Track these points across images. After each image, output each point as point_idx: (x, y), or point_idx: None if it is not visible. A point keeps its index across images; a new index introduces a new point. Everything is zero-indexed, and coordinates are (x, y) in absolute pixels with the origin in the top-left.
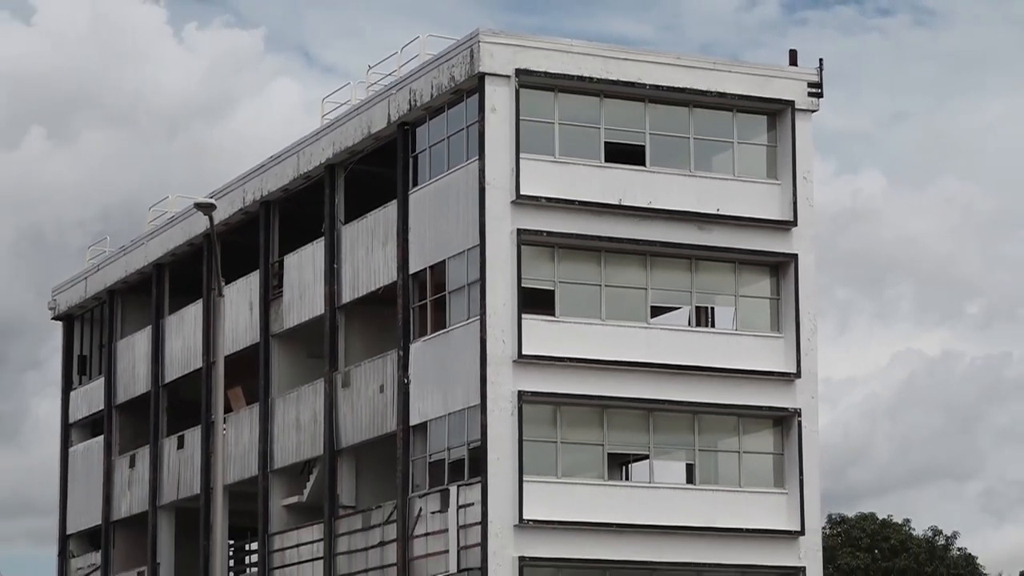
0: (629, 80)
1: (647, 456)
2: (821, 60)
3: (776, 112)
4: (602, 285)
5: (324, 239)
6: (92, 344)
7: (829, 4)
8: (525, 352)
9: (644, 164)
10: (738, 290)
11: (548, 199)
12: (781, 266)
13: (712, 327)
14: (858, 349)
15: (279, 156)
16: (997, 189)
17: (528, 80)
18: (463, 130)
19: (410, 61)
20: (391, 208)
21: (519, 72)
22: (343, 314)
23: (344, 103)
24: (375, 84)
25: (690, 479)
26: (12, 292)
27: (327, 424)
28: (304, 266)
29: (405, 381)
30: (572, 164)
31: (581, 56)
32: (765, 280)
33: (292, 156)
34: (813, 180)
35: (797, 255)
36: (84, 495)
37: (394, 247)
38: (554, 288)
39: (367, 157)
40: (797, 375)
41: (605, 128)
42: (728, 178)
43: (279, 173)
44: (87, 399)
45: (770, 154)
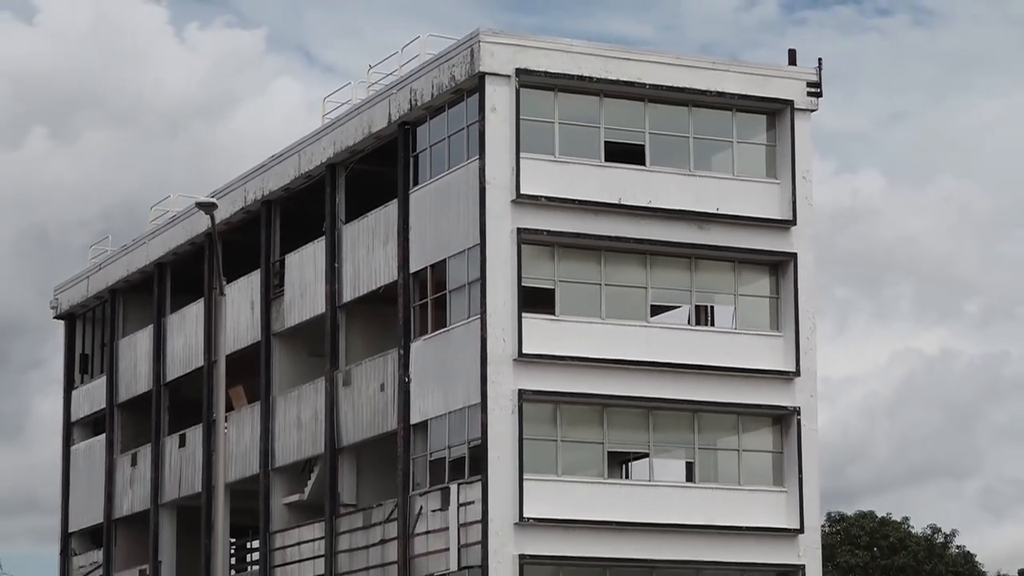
0: (629, 80)
1: (647, 454)
2: (820, 60)
3: (775, 112)
4: (602, 284)
5: (325, 238)
6: (94, 343)
7: (828, 4)
8: (525, 351)
9: (644, 163)
10: (737, 289)
11: (548, 198)
12: (780, 265)
13: (712, 326)
14: (857, 348)
15: (280, 155)
16: (995, 188)
17: (528, 80)
18: (463, 129)
19: (410, 61)
20: (392, 207)
21: (519, 72)
22: (344, 313)
23: (345, 103)
24: (376, 84)
25: (690, 477)
26: (14, 291)
27: (328, 423)
28: (305, 265)
29: (406, 380)
30: (572, 163)
31: (581, 56)
32: (764, 279)
33: (293, 155)
34: (812, 179)
35: (796, 254)
36: (86, 493)
37: (395, 246)
38: (554, 287)
39: (368, 156)
40: (796, 374)
41: (605, 127)
42: (727, 177)
43: (280, 172)
44: (89, 398)
45: (769, 153)
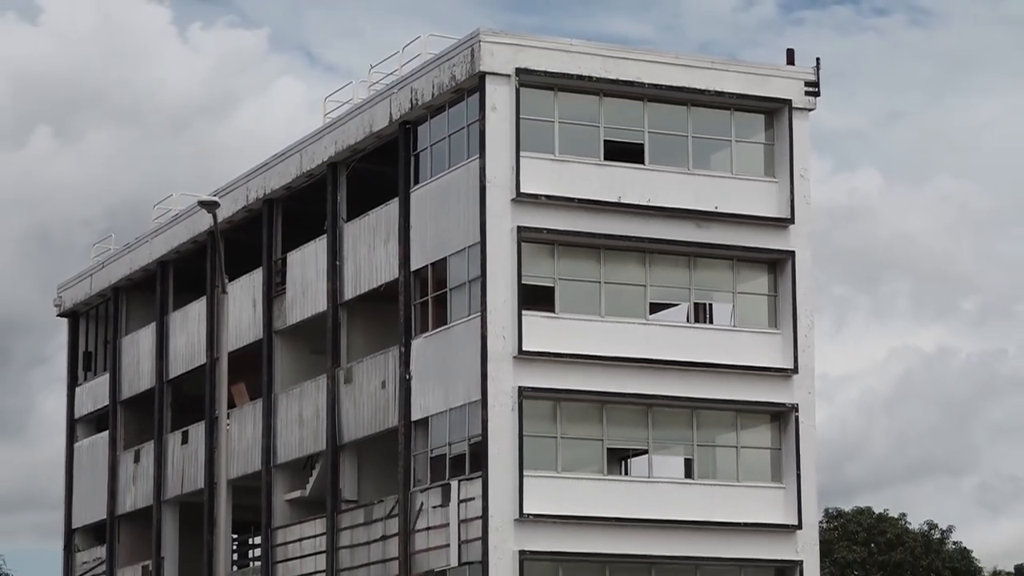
0: (628, 79)
1: (646, 451)
2: (818, 59)
3: (773, 111)
4: (601, 282)
5: (326, 236)
6: (97, 340)
7: (826, 4)
8: (525, 348)
9: (643, 162)
10: (736, 287)
11: (548, 197)
12: (778, 263)
13: (710, 323)
14: (855, 345)
15: (282, 154)
16: (992, 187)
17: (528, 79)
18: (464, 129)
19: (411, 60)
20: (393, 206)
21: (519, 71)
22: (345, 311)
23: (346, 102)
24: (377, 83)
25: (688, 474)
26: (18, 289)
27: (329, 419)
28: (307, 263)
29: (407, 377)
30: (572, 162)
31: (581, 55)
32: (763, 277)
33: (295, 154)
34: (810, 178)
35: (794, 252)
36: (89, 490)
37: (396, 244)
38: (554, 285)
39: (369, 155)
40: (794, 371)
41: (604, 127)
42: (726, 176)
43: (282, 171)
44: (92, 395)
45: (767, 152)
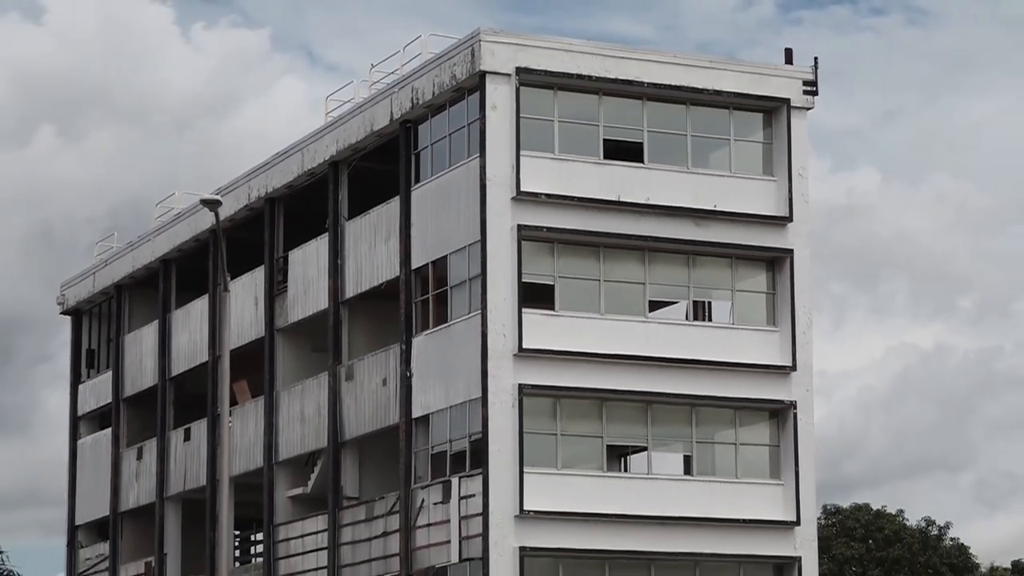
0: (627, 78)
1: (645, 448)
2: (816, 59)
3: (772, 110)
4: (601, 280)
5: (328, 235)
6: (100, 338)
7: (824, 4)
8: (525, 346)
9: (642, 161)
10: (735, 285)
11: (548, 195)
12: (777, 261)
13: (709, 321)
14: (853, 343)
15: (284, 153)
16: (989, 186)
17: (528, 78)
18: (464, 127)
19: (412, 60)
20: (394, 204)
21: (519, 70)
22: (347, 309)
23: (347, 101)
24: (378, 82)
25: (687, 470)
26: (22, 287)
27: (331, 417)
28: (308, 261)
29: (407, 374)
30: (571, 161)
31: (580, 55)
32: (761, 275)
33: (296, 153)
34: (808, 177)
35: (793, 250)
36: (92, 487)
37: (396, 243)
38: (554, 283)
39: (370, 154)
40: (793, 368)
41: (604, 125)
42: (725, 175)
43: (284, 170)
44: (95, 392)
45: (766, 151)
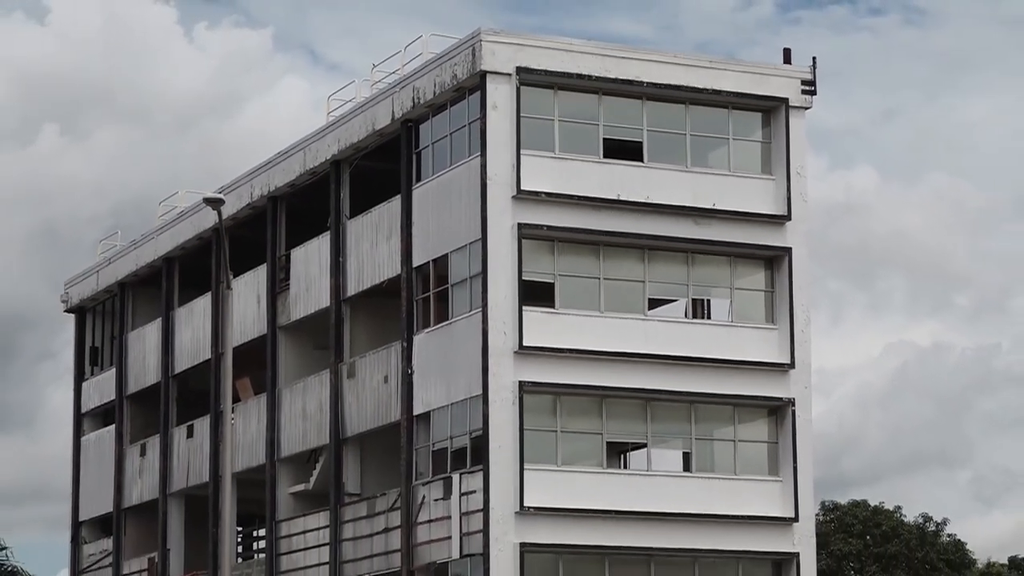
0: (627, 78)
1: (645, 445)
2: (814, 58)
3: (770, 109)
4: (601, 278)
5: (330, 233)
6: (104, 336)
7: (822, 4)
8: (526, 343)
9: (642, 160)
10: (733, 283)
11: (548, 194)
12: (775, 259)
13: (708, 319)
14: (851, 340)
15: (286, 152)
16: (986, 185)
17: (529, 78)
18: (465, 127)
19: (413, 60)
20: (395, 203)
21: (520, 70)
22: (348, 306)
23: (349, 101)
24: (379, 82)
25: (687, 467)
26: (26, 285)
27: (333, 414)
28: (310, 259)
29: (409, 372)
30: (572, 160)
31: (580, 54)
32: (760, 273)
33: (299, 152)
34: (807, 175)
35: (791, 248)
36: (96, 483)
37: (398, 241)
38: (554, 281)
39: (371, 153)
40: (791, 365)
41: (604, 125)
42: (724, 173)
43: (286, 169)
44: (99, 389)
45: (765, 150)
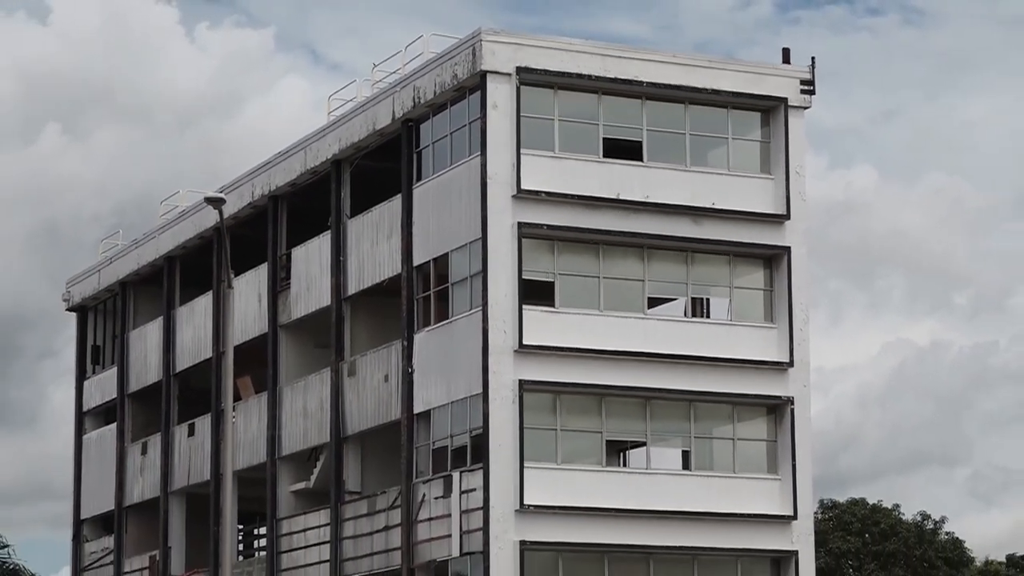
0: (627, 78)
1: (644, 443)
2: (813, 58)
3: (769, 109)
4: (600, 277)
5: (330, 232)
6: (105, 334)
7: (821, 4)
8: (526, 342)
9: (641, 159)
10: (733, 282)
11: (548, 193)
12: (774, 258)
13: (707, 318)
14: (850, 339)
15: (287, 152)
16: (985, 184)
17: (529, 78)
18: (465, 126)
19: (414, 59)
20: (395, 202)
21: (520, 70)
22: (349, 305)
23: (350, 100)
24: (380, 82)
25: (686, 465)
26: (28, 284)
27: (333, 412)
28: (311, 258)
29: (409, 370)
30: (571, 159)
31: (580, 54)
32: (759, 272)
33: (299, 152)
34: (805, 175)
35: (790, 247)
36: (98, 481)
37: (398, 240)
38: (554, 280)
39: (372, 153)
40: (790, 364)
41: (603, 124)
42: (723, 173)
43: (287, 168)
44: (100, 388)
45: (764, 149)
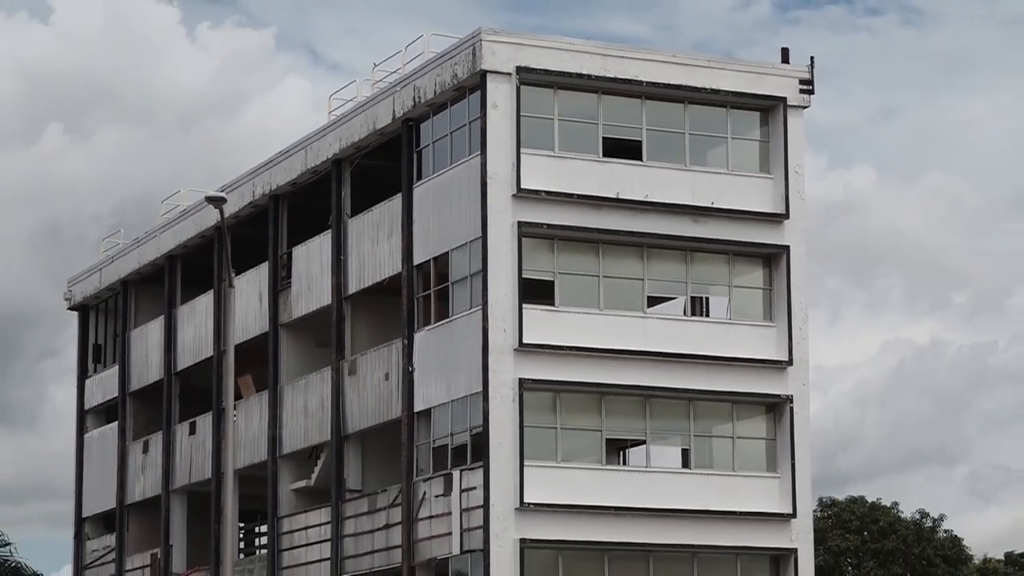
0: (626, 77)
1: (644, 441)
2: (812, 58)
3: (769, 108)
4: (600, 276)
5: (331, 231)
6: (107, 333)
7: (820, 4)
8: (526, 341)
9: (641, 159)
10: (732, 281)
11: (548, 192)
12: (773, 257)
13: (707, 317)
14: (849, 338)
15: (288, 151)
16: (984, 184)
17: (529, 77)
18: (465, 126)
19: (414, 59)
20: (396, 201)
21: (520, 69)
22: (349, 304)
23: (350, 100)
24: (380, 81)
25: (685, 464)
26: (30, 283)
27: (334, 410)
28: (312, 258)
29: (410, 369)
30: (571, 159)
31: (580, 54)
32: (758, 271)
33: (300, 151)
34: (804, 174)
35: (789, 247)
36: (99, 479)
37: (399, 239)
38: (554, 279)
39: (373, 152)
40: (789, 363)
41: (603, 124)
42: (722, 172)
43: (287, 167)
44: (102, 386)
45: (763, 149)
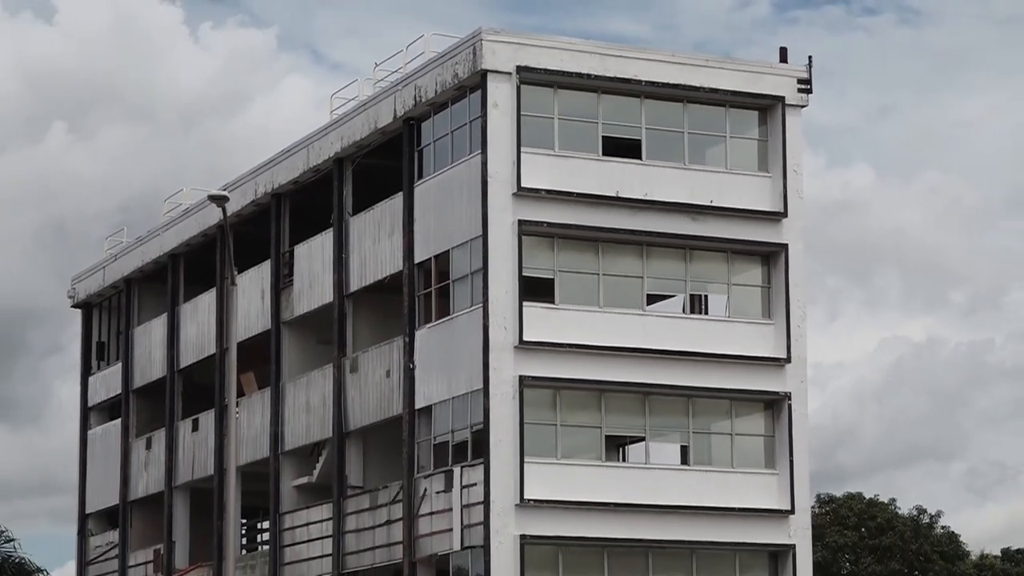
0: (626, 77)
1: (643, 438)
2: (810, 57)
3: (767, 107)
4: (600, 274)
5: (333, 230)
6: (110, 331)
7: (818, 4)
8: (526, 338)
9: (640, 157)
10: (731, 279)
11: (548, 191)
12: (772, 256)
13: (706, 314)
14: (847, 335)
15: (289, 150)
16: (981, 182)
17: (529, 77)
18: (466, 125)
19: (415, 59)
20: (397, 200)
21: (520, 69)
22: (351, 302)
23: (352, 99)
24: (382, 81)
25: (684, 460)
26: (34, 281)
27: (336, 407)
28: (313, 256)
29: (411, 366)
30: (571, 157)
31: (580, 54)
32: (757, 269)
33: (302, 150)
34: (803, 173)
35: (788, 245)
36: (102, 476)
37: (400, 237)
38: (554, 277)
39: (374, 151)
40: (787, 360)
41: (603, 123)
42: (721, 171)
43: (289, 166)
44: (105, 384)
45: (761, 148)
